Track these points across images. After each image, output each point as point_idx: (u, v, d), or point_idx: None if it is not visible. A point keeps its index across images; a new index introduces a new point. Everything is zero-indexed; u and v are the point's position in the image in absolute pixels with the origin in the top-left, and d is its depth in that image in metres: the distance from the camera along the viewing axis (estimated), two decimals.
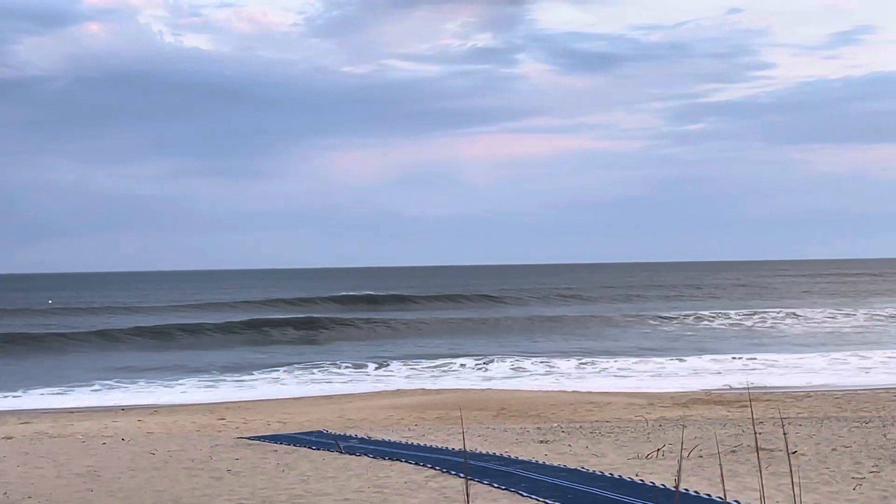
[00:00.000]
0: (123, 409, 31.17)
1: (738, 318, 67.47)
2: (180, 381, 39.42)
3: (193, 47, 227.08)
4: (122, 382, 39.31)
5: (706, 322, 65.38)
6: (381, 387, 36.66)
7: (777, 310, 74.57)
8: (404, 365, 44.02)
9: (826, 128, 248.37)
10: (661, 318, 67.64)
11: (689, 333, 59.46)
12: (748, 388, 31.91)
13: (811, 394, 31.18)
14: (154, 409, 30.47)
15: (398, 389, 35.64)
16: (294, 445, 19.66)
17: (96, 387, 37.94)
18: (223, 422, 26.46)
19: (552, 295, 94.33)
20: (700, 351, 48.49)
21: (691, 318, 68.02)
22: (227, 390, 36.86)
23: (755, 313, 71.20)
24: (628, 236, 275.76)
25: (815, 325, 62.61)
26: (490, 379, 39.14)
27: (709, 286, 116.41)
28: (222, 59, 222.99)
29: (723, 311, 74.17)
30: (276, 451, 19.02)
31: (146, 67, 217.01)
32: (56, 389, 37.20)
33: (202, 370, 43.29)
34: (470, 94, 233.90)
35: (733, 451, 16.72)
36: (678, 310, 77.09)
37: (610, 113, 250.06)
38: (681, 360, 43.66)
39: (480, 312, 77.02)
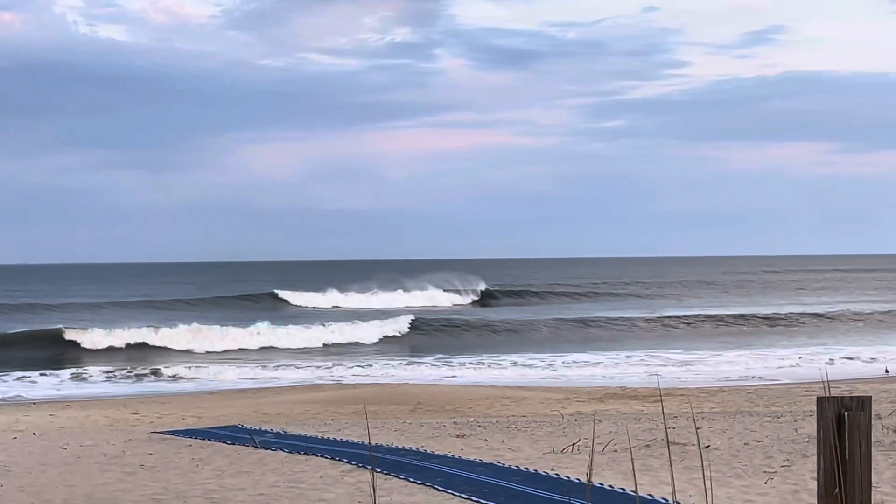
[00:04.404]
0: (35, 402, 30.74)
1: (651, 314, 68.02)
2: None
3: (109, 38, 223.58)
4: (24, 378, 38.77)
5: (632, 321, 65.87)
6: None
7: (690, 308, 75.41)
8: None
9: (740, 126, 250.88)
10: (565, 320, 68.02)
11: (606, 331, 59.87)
12: (659, 382, 32.21)
13: (724, 389, 31.53)
14: (67, 403, 30.07)
15: (314, 384, 35.54)
16: (209, 440, 19.51)
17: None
18: (137, 416, 26.19)
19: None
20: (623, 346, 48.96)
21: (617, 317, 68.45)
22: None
23: (667, 312, 71.89)
24: (545, 231, 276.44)
25: (729, 321, 63.26)
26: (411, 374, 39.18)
27: (631, 283, 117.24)
28: (138, 50, 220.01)
29: (646, 310, 74.83)
30: (190, 445, 18.86)
31: (61, 58, 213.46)
32: None
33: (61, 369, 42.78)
34: (388, 88, 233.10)
35: (647, 446, 16.86)
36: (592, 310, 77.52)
37: (527, 109, 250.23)
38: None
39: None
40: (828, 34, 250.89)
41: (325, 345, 51.62)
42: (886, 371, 37.37)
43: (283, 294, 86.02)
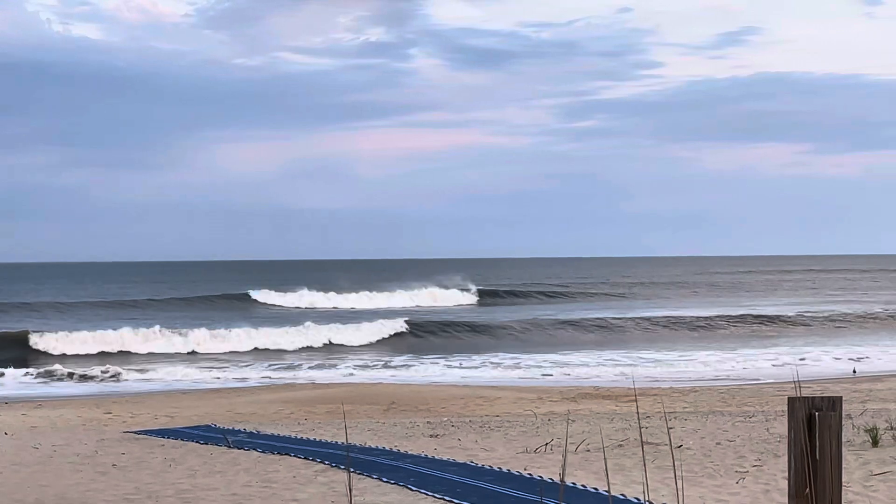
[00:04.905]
0: (7, 402, 30.59)
1: (624, 315, 68.18)
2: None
3: (82, 36, 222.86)
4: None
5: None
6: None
7: (663, 309, 75.57)
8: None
9: (714, 126, 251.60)
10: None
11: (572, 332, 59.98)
12: (634, 382, 32.29)
13: (697, 388, 31.64)
14: (38, 403, 29.94)
15: (288, 383, 35.48)
16: (182, 440, 19.47)
17: None
18: (109, 416, 26.10)
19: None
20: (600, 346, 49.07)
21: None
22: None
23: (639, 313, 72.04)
24: (519, 231, 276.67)
25: (701, 322, 63.42)
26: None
27: (604, 284, 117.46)
28: (112, 48, 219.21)
29: (621, 311, 74.92)
30: (163, 445, 18.81)
31: (34, 56, 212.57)
32: None
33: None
34: (363, 88, 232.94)
35: (620, 446, 16.90)
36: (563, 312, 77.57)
37: (502, 109, 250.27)
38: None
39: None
40: (800, 35, 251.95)
41: (299, 348, 51.37)
42: (854, 371, 37.60)
43: (256, 294, 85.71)
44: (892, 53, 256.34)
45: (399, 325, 57.37)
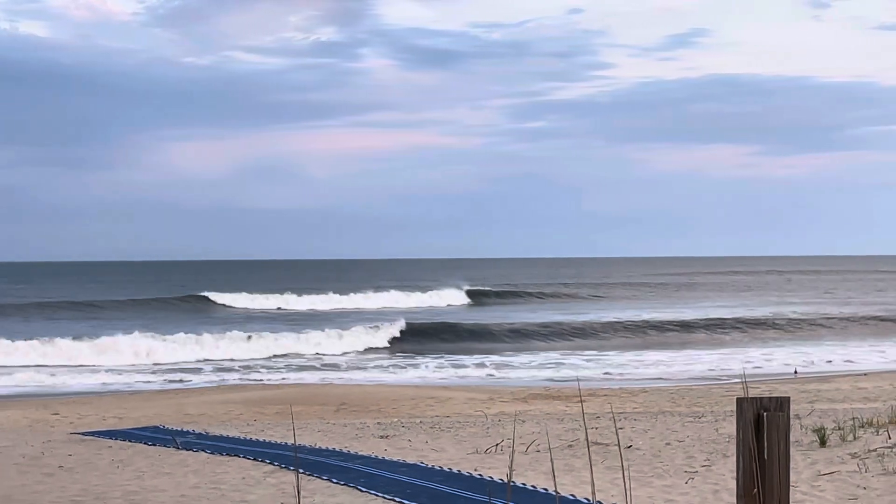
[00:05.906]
0: None
1: (573, 317, 68.43)
2: None
3: (30, 34, 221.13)
4: None
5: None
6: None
7: (612, 311, 75.84)
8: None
9: (664, 128, 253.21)
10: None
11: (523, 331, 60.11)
12: (579, 383, 32.38)
13: (647, 389, 31.77)
14: None
15: (237, 384, 35.32)
16: (129, 441, 19.33)
17: None
18: (56, 416, 25.87)
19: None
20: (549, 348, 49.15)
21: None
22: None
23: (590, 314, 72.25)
24: (470, 232, 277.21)
25: (650, 323, 63.73)
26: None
27: (554, 284, 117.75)
28: (60, 46, 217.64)
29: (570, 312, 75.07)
30: (110, 446, 18.66)
31: None
32: None
33: None
34: (314, 87, 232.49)
35: (570, 446, 16.93)
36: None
37: (453, 109, 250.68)
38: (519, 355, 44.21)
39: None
40: (749, 37, 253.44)
41: (250, 350, 51.12)
42: (795, 372, 37.89)
43: (210, 295, 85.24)
44: (839, 56, 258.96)
45: (350, 326, 57.21)
